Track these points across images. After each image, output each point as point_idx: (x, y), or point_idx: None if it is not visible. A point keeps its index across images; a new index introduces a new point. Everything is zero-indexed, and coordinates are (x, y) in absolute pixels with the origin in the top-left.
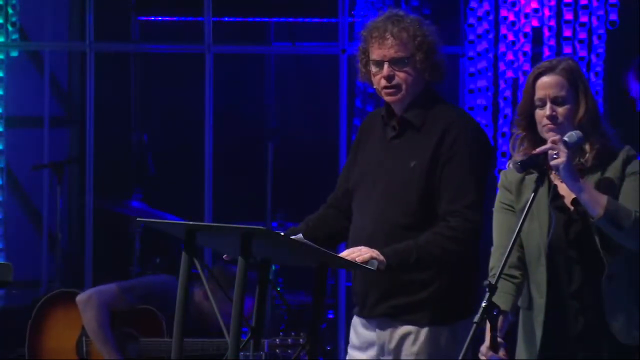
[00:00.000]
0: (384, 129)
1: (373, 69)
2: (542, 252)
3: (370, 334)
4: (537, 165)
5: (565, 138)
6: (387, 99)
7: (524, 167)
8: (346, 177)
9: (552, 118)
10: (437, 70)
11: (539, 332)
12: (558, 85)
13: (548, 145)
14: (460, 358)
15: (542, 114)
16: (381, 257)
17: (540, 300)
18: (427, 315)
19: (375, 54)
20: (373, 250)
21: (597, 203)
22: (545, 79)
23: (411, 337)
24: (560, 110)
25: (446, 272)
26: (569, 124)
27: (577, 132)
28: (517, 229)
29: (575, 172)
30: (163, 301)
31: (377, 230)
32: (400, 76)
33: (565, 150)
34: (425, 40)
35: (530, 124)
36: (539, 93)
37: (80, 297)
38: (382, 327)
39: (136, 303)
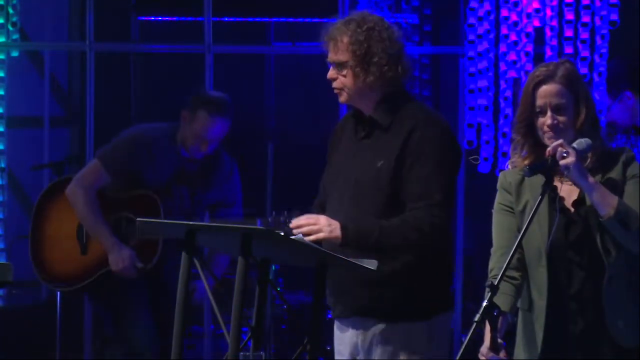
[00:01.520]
0: (355, 130)
1: None
2: (543, 254)
3: (345, 335)
4: (546, 169)
5: (575, 145)
6: (339, 99)
7: (532, 171)
8: (325, 182)
9: (554, 127)
10: (382, 77)
11: (539, 334)
12: (558, 94)
13: (557, 142)
14: (457, 358)
15: (543, 122)
16: (336, 233)
17: (540, 302)
18: (400, 312)
19: (328, 56)
20: (331, 222)
21: (608, 203)
22: (545, 88)
23: (386, 335)
24: (561, 118)
25: (416, 268)
26: (570, 131)
27: (587, 140)
28: (522, 231)
29: (585, 171)
30: (148, 154)
31: None
32: (340, 79)
33: (574, 150)
34: (361, 47)
35: (530, 130)
36: (539, 101)
37: (67, 191)
38: (355, 326)
39: (123, 170)
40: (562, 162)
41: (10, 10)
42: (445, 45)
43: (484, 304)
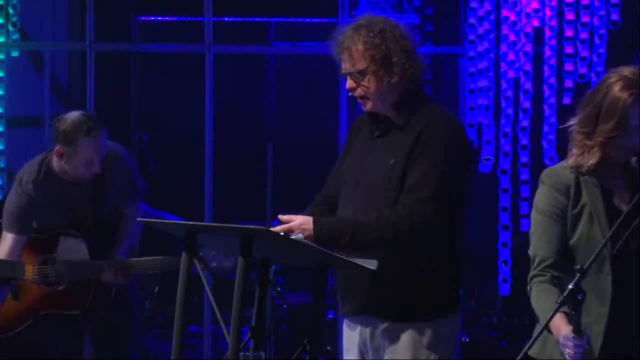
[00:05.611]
0: (371, 129)
1: None
2: (607, 261)
3: (354, 333)
4: None
5: None
6: (363, 108)
7: None
8: (336, 176)
9: None
10: (405, 75)
11: (598, 339)
12: None
13: None
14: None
15: (630, 139)
16: (308, 226)
17: (601, 309)
18: (407, 312)
19: (342, 67)
20: (304, 218)
21: None
22: None
23: (392, 335)
24: None
25: (426, 269)
26: None
27: None
28: (605, 239)
29: None
30: (32, 200)
31: None
32: (362, 88)
33: None
34: (380, 51)
35: (591, 134)
36: (636, 120)
37: None
38: (364, 325)
39: (24, 223)
40: None
41: (10, 10)
42: (446, 46)
43: (570, 286)
